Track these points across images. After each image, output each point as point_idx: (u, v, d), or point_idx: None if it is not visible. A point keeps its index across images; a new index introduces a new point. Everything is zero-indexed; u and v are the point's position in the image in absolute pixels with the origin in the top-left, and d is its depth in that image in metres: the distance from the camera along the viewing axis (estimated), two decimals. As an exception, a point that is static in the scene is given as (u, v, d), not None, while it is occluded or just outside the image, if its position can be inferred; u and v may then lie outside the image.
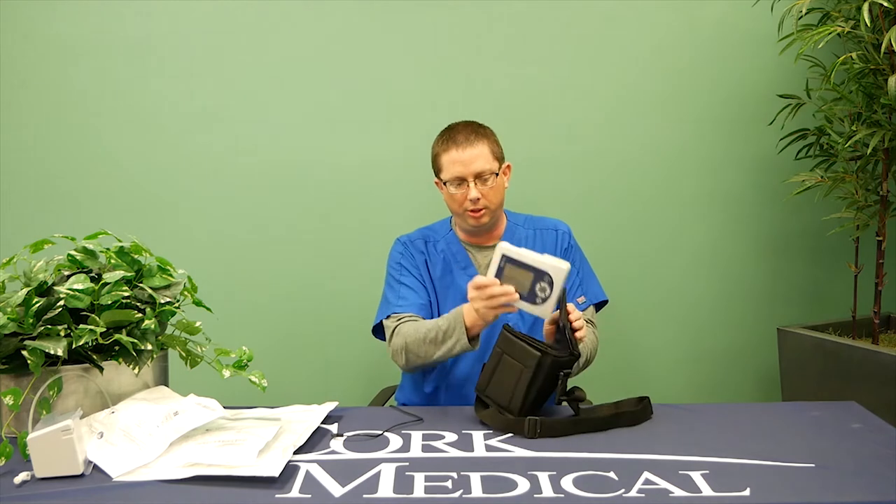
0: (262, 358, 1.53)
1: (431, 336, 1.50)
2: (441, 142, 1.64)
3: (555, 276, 1.31)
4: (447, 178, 1.60)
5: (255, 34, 2.22)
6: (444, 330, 1.48)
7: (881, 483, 1.07)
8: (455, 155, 1.59)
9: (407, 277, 1.68)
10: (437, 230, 1.75)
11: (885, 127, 1.92)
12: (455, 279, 1.68)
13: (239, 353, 1.37)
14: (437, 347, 1.49)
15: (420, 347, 1.52)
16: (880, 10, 1.87)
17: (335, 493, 1.06)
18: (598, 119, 2.30)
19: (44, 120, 2.21)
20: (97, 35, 2.19)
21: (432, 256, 1.71)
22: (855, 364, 1.94)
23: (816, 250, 2.38)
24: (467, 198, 1.59)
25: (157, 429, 1.18)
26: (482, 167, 1.58)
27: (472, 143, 1.59)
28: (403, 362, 1.58)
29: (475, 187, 1.58)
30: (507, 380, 1.33)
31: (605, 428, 1.31)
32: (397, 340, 1.57)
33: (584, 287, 1.72)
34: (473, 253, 1.70)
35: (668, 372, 2.41)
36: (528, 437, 1.26)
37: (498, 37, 2.26)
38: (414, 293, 1.66)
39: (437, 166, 1.64)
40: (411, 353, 1.54)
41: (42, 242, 1.38)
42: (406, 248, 1.71)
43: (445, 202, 1.66)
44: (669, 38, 2.28)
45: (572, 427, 1.29)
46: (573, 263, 1.71)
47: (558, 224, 1.75)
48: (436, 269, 1.70)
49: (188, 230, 2.26)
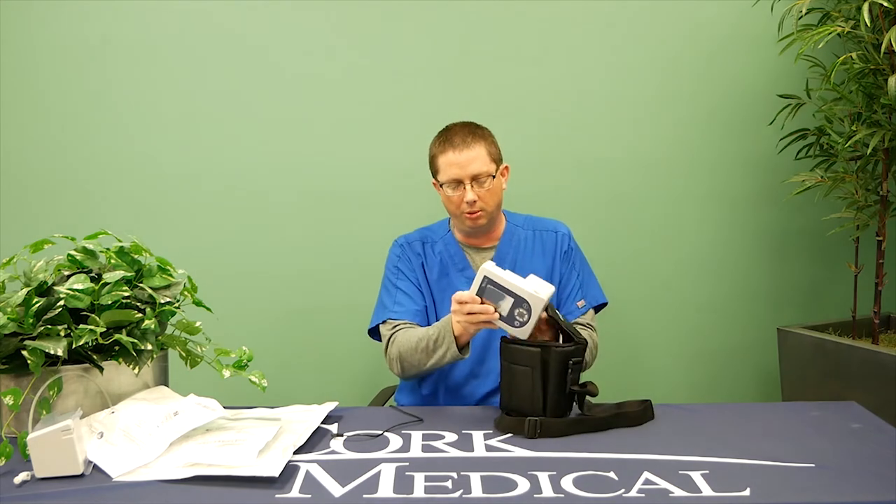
0: (262, 358, 1.53)
1: (423, 346, 1.52)
2: (438, 143, 1.63)
3: (533, 305, 1.33)
4: (444, 180, 1.60)
5: (256, 34, 2.22)
6: (434, 339, 1.50)
7: (881, 483, 1.07)
8: (452, 157, 1.58)
9: (403, 282, 1.68)
10: (435, 231, 1.75)
11: (885, 127, 1.92)
12: (452, 281, 1.68)
13: (239, 353, 1.37)
14: (428, 356, 1.52)
15: (413, 356, 1.54)
16: (880, 10, 1.87)
17: (335, 493, 1.06)
18: (598, 119, 2.30)
19: (44, 120, 2.21)
20: (98, 36, 2.19)
21: (429, 259, 1.70)
22: (855, 364, 1.94)
23: (816, 250, 2.38)
24: (464, 200, 1.58)
25: (157, 429, 1.18)
26: (478, 169, 1.57)
27: (469, 144, 1.58)
28: (399, 371, 1.60)
29: (472, 190, 1.57)
30: (523, 387, 1.33)
31: (604, 428, 1.31)
32: (392, 350, 1.59)
33: (584, 290, 1.71)
34: (471, 255, 1.70)
35: (668, 372, 2.41)
36: (527, 438, 1.27)
37: (496, 37, 2.25)
38: (410, 299, 1.66)
39: (434, 168, 1.63)
40: (405, 362, 1.57)
41: (42, 242, 1.38)
42: (403, 251, 1.71)
43: (443, 203, 1.66)
44: (669, 38, 2.28)
45: (573, 427, 1.29)
46: (573, 266, 1.71)
47: (558, 225, 1.74)
48: (432, 272, 1.70)
49: (188, 230, 2.26)
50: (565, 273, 1.70)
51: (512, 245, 1.69)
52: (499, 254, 1.68)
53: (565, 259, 1.71)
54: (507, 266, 1.65)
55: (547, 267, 1.69)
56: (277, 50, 2.23)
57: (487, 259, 1.68)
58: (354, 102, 2.25)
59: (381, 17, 2.23)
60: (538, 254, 1.70)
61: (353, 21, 2.22)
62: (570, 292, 1.69)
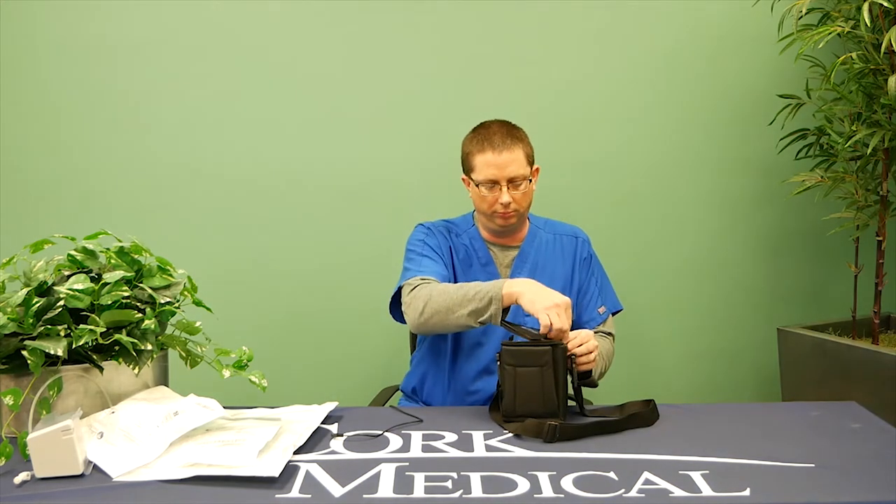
0: (262, 358, 1.53)
1: (464, 292, 1.42)
2: (475, 141, 1.60)
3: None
4: (480, 179, 1.58)
5: (256, 35, 2.22)
6: (478, 290, 1.41)
7: (881, 483, 1.07)
8: (490, 157, 1.55)
9: (430, 253, 1.63)
10: (459, 224, 1.73)
11: (885, 127, 1.92)
12: (475, 274, 1.67)
13: (239, 353, 1.37)
14: (467, 303, 1.41)
15: (445, 299, 1.44)
16: (880, 10, 1.87)
17: (335, 493, 1.06)
18: (598, 119, 2.30)
19: (44, 120, 2.21)
20: (98, 36, 2.19)
21: (456, 245, 1.69)
22: (855, 364, 1.94)
23: (816, 250, 2.38)
24: (498, 201, 1.56)
25: (157, 429, 1.18)
26: (516, 172, 1.56)
27: (509, 146, 1.56)
28: (417, 314, 1.48)
29: (507, 192, 1.55)
30: (532, 388, 1.31)
31: (619, 430, 1.30)
32: (422, 291, 1.48)
33: (603, 297, 1.71)
34: (495, 251, 1.69)
35: (669, 372, 2.41)
36: (546, 442, 1.25)
37: (499, 38, 2.25)
38: (436, 265, 1.60)
39: (469, 165, 1.61)
40: (434, 302, 1.45)
41: (42, 242, 1.38)
42: (430, 232, 1.68)
43: (472, 200, 1.64)
44: (669, 38, 2.28)
45: (589, 430, 1.28)
46: (592, 272, 1.71)
47: (578, 231, 1.74)
48: (459, 254, 1.68)
49: (188, 230, 2.26)
50: (585, 280, 1.70)
51: (534, 246, 1.69)
52: (521, 254, 1.68)
53: (584, 265, 1.70)
54: (528, 267, 1.65)
55: (567, 272, 1.69)
56: (279, 48, 2.23)
57: (511, 257, 1.68)
58: (356, 102, 2.25)
59: (387, 17, 2.23)
60: (558, 257, 1.69)
61: (355, 22, 2.22)
62: (590, 299, 1.69)
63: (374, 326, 2.27)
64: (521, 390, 1.33)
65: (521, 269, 1.67)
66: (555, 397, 1.31)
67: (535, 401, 1.32)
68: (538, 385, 1.31)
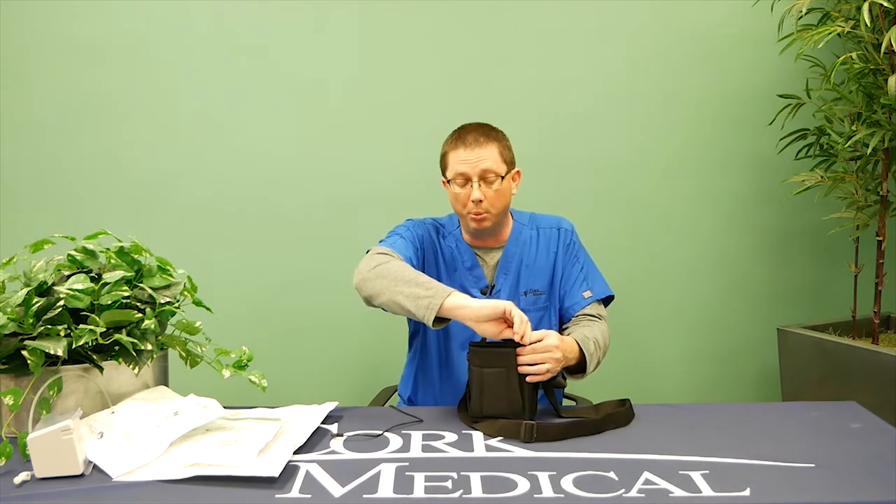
0: (262, 358, 1.53)
1: (416, 275, 1.39)
2: (450, 140, 1.61)
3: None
4: (451, 175, 1.58)
5: (256, 35, 2.22)
6: (429, 283, 1.37)
7: (881, 483, 1.07)
8: (462, 154, 1.56)
9: (409, 236, 1.62)
10: (445, 225, 1.73)
11: (885, 127, 1.92)
12: (461, 278, 1.67)
13: (239, 353, 1.37)
14: (407, 286, 1.37)
15: (399, 271, 1.40)
16: (880, 10, 1.87)
17: (335, 493, 1.06)
18: (598, 119, 2.30)
19: (44, 120, 2.21)
20: (99, 36, 2.19)
21: (442, 247, 1.68)
22: (855, 364, 1.94)
23: (816, 250, 2.38)
24: (470, 198, 1.56)
25: (157, 429, 1.18)
26: (487, 167, 1.55)
27: (482, 144, 1.57)
28: (361, 279, 1.45)
29: (479, 188, 1.55)
30: (498, 389, 1.32)
31: (596, 431, 1.30)
32: (381, 257, 1.46)
33: (589, 282, 1.70)
34: (480, 254, 1.69)
35: (669, 372, 2.41)
36: (524, 442, 1.26)
37: (500, 39, 2.26)
38: (408, 249, 1.57)
39: (444, 164, 1.62)
40: (385, 268, 1.42)
41: (42, 242, 1.38)
42: (417, 224, 1.68)
43: (450, 202, 1.65)
44: (670, 38, 2.28)
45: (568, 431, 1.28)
46: (576, 258, 1.69)
47: (561, 221, 1.73)
48: (444, 257, 1.67)
49: (188, 230, 2.26)
50: (567, 265, 1.68)
51: (518, 245, 1.69)
52: (506, 255, 1.68)
53: (566, 252, 1.69)
54: (514, 267, 1.65)
55: (549, 263, 1.69)
56: (279, 51, 2.23)
57: (496, 259, 1.67)
58: (356, 102, 2.25)
59: (387, 18, 2.23)
60: (542, 251, 1.69)
61: (356, 23, 2.22)
62: (574, 283, 1.67)
63: (375, 327, 2.27)
64: (488, 391, 1.33)
65: (507, 269, 1.66)
66: (520, 398, 1.31)
67: (500, 401, 1.32)
68: (504, 386, 1.32)
